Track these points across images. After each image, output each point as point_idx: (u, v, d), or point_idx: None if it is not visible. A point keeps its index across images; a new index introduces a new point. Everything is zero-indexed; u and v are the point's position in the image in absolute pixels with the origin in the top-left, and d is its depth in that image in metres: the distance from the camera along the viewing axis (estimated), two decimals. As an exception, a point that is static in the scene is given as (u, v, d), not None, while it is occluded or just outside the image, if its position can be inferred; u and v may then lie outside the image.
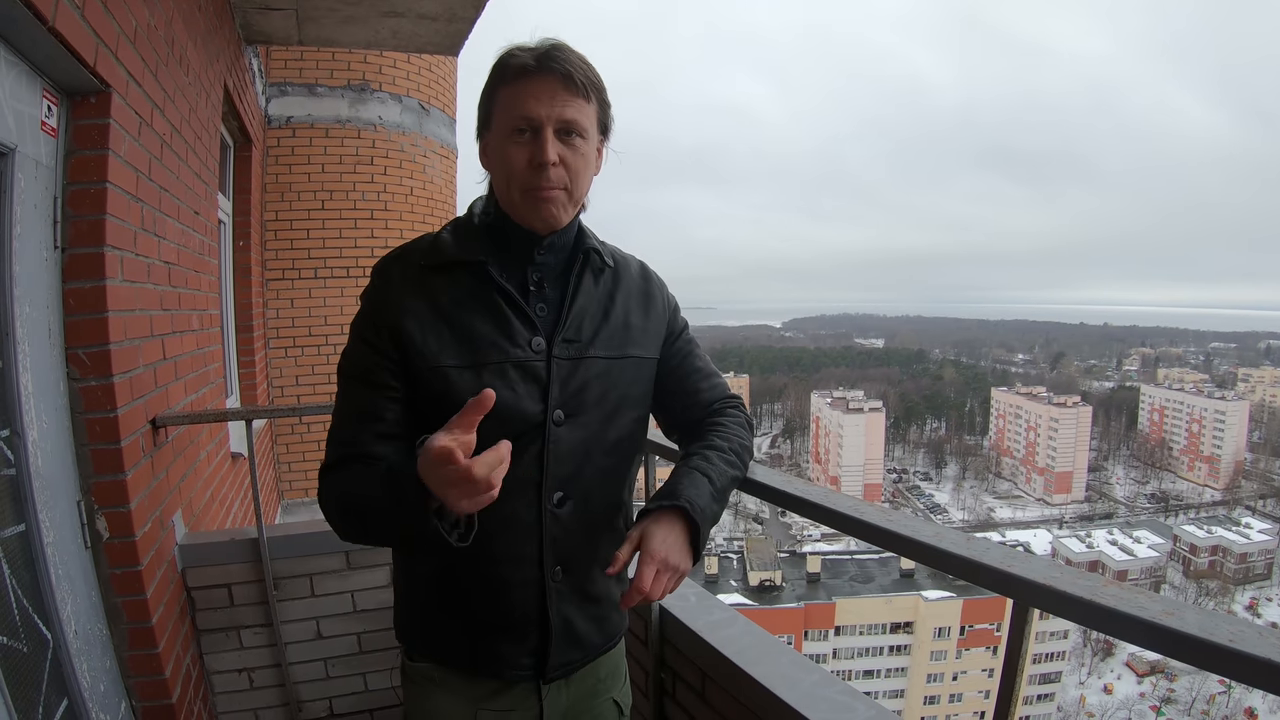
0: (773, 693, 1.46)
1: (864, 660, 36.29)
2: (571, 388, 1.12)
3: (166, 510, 2.13)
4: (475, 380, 1.07)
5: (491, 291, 1.10)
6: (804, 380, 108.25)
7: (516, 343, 1.10)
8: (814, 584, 38.11)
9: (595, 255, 1.19)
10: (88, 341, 1.74)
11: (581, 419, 1.13)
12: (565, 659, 1.19)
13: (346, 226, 5.37)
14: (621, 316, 1.20)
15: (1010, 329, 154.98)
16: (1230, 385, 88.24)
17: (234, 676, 2.35)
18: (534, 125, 1.05)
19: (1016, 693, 0.99)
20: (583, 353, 1.14)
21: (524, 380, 1.10)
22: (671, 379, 1.28)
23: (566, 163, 1.08)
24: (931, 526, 1.13)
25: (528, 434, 1.09)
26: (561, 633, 1.17)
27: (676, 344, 1.30)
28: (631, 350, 1.20)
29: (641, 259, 1.31)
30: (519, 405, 1.09)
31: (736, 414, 1.32)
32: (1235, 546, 53.73)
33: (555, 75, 1.04)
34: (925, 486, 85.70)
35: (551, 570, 1.14)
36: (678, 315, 1.33)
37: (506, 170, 1.08)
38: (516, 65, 1.05)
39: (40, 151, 1.60)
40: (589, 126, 1.09)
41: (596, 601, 1.22)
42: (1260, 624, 0.80)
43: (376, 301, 1.12)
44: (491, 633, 1.16)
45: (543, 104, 1.04)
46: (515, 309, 1.11)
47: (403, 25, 3.80)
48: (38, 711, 1.49)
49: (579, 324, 1.15)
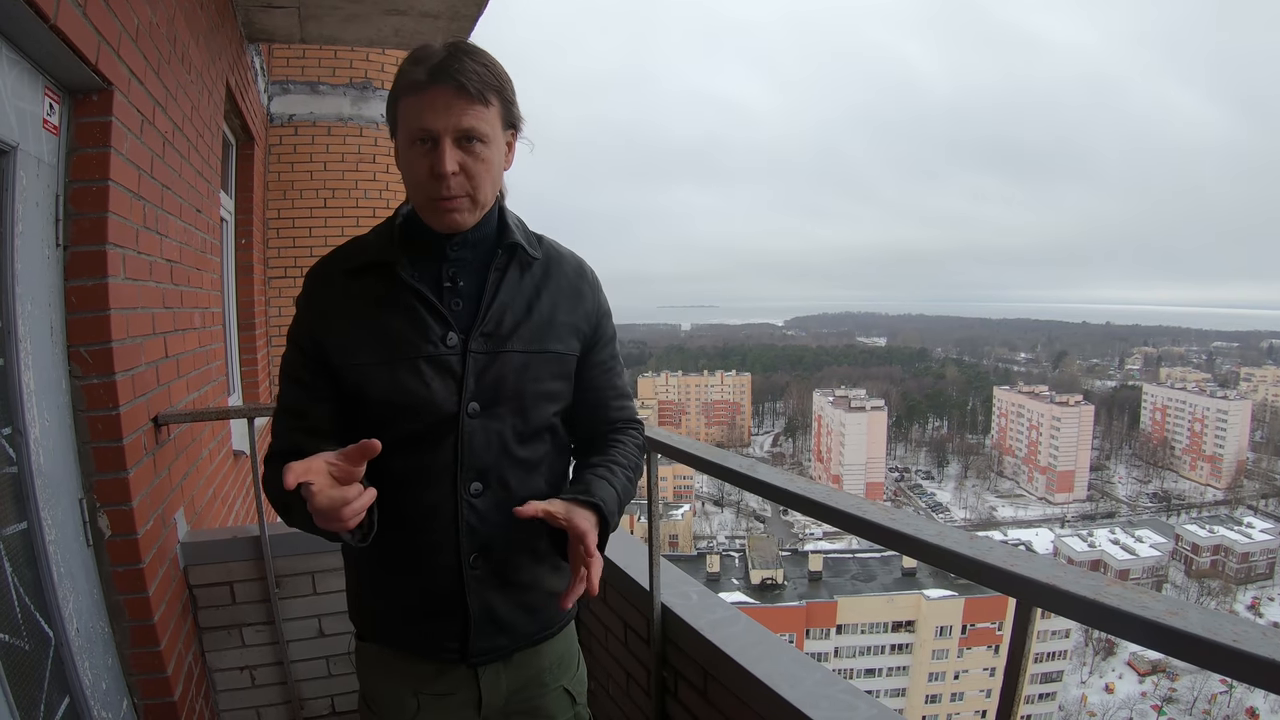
0: (775, 691, 1.46)
1: (866, 659, 36.30)
2: (486, 380, 1.15)
3: (168, 508, 2.13)
4: (390, 375, 1.13)
5: (405, 292, 1.15)
6: (806, 379, 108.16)
7: (429, 339, 1.14)
8: (816, 582, 38.11)
9: (520, 249, 1.21)
10: (90, 339, 1.74)
11: (497, 410, 1.17)
12: (490, 644, 1.22)
13: (349, 225, 5.37)
14: (546, 312, 1.21)
15: (1012, 328, 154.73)
16: (1233, 385, 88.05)
17: (236, 674, 2.35)
18: (431, 135, 1.07)
19: (1019, 692, 0.99)
20: (500, 347, 1.16)
21: (438, 374, 1.14)
22: (588, 390, 1.29)
23: (467, 170, 1.10)
24: (934, 525, 1.12)
25: (442, 425, 1.14)
26: (481, 618, 1.20)
27: (600, 354, 1.30)
28: (552, 345, 1.21)
29: (581, 256, 1.32)
30: (431, 399, 1.13)
31: (637, 435, 1.36)
32: (1237, 546, 53.66)
33: (449, 85, 1.06)
34: (927, 485, 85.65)
35: (468, 557, 1.17)
36: (607, 321, 1.32)
37: (411, 177, 1.12)
38: (412, 79, 1.07)
39: (42, 149, 1.60)
40: (489, 130, 1.11)
41: (523, 589, 1.24)
42: (1263, 624, 0.79)
43: (302, 306, 1.20)
44: (418, 616, 1.21)
45: (439, 116, 1.06)
46: (428, 307, 1.15)
47: (405, 23, 3.80)
48: (39, 709, 1.49)
49: (499, 318, 1.17)
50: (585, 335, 1.27)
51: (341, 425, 1.18)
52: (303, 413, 1.18)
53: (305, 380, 1.18)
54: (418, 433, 1.14)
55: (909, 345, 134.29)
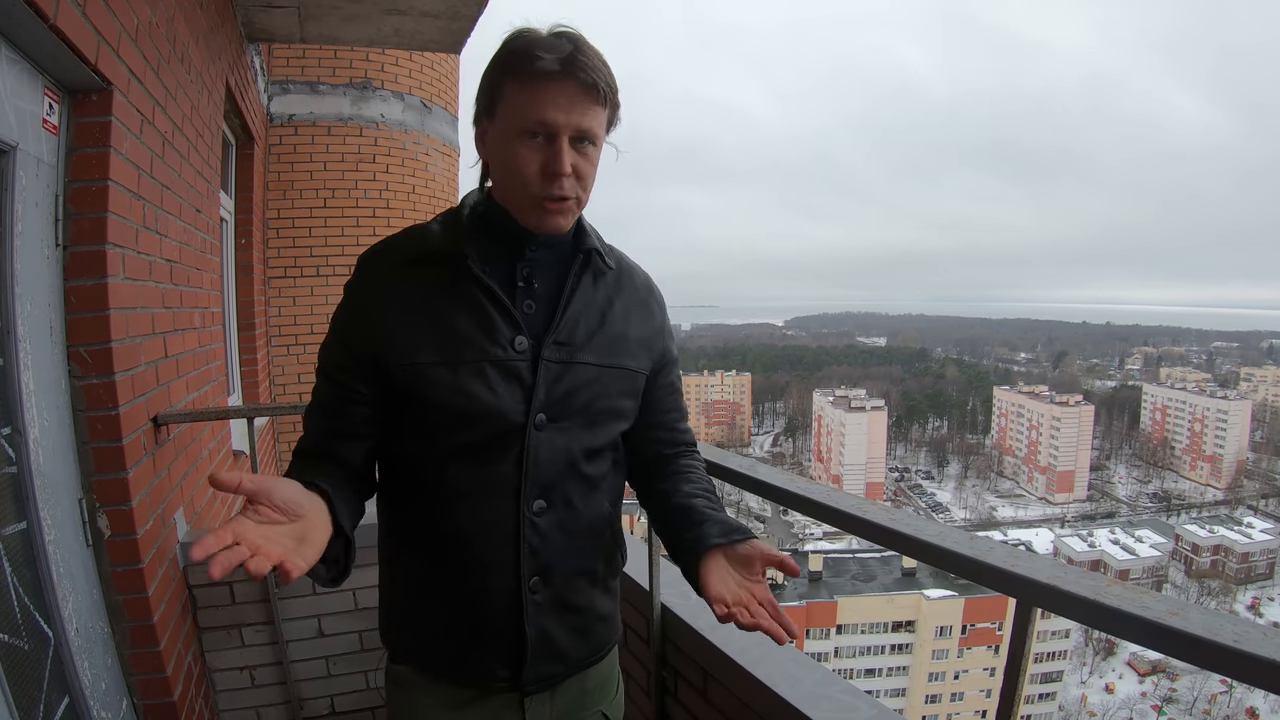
0: (775, 691, 1.46)
1: (866, 659, 36.29)
2: (558, 392, 1.07)
3: (168, 508, 2.13)
4: (452, 377, 1.03)
5: (473, 286, 1.05)
6: (806, 378, 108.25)
7: (497, 341, 1.05)
8: (816, 582, 38.08)
9: (597, 257, 1.13)
10: (89, 339, 1.74)
11: (564, 424, 1.09)
12: (544, 672, 1.14)
13: (349, 225, 5.37)
14: (619, 325, 1.15)
15: (1013, 327, 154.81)
16: (1233, 385, 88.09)
17: (235, 674, 2.35)
18: (550, 131, 0.99)
19: (1019, 692, 0.99)
20: (573, 356, 1.09)
21: (504, 380, 1.05)
22: (655, 410, 1.23)
23: (579, 171, 1.03)
24: (934, 525, 1.12)
25: (507, 436, 1.05)
26: (539, 645, 1.12)
27: (668, 375, 1.24)
28: (625, 361, 1.14)
29: (647, 271, 1.26)
30: (497, 406, 1.04)
31: (701, 459, 1.31)
32: (1237, 546, 53.68)
33: (578, 83, 0.98)
34: (927, 485, 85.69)
35: (528, 580, 1.09)
36: (672, 343, 1.26)
37: (514, 172, 1.02)
38: (538, 67, 0.97)
39: (42, 149, 1.60)
40: (601, 132, 1.05)
41: (578, 613, 1.17)
42: (1263, 624, 0.79)
43: (356, 294, 1.09)
44: (467, 640, 1.12)
45: (562, 111, 0.98)
46: (498, 305, 1.05)
47: (405, 23, 3.80)
48: (39, 709, 1.49)
49: (573, 327, 1.09)
50: (655, 353, 1.20)
51: (381, 430, 1.10)
52: (338, 413, 1.08)
53: (345, 378, 1.07)
54: (477, 443, 1.05)
55: (909, 345, 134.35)
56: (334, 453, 1.08)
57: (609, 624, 1.25)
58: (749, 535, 1.03)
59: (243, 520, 0.80)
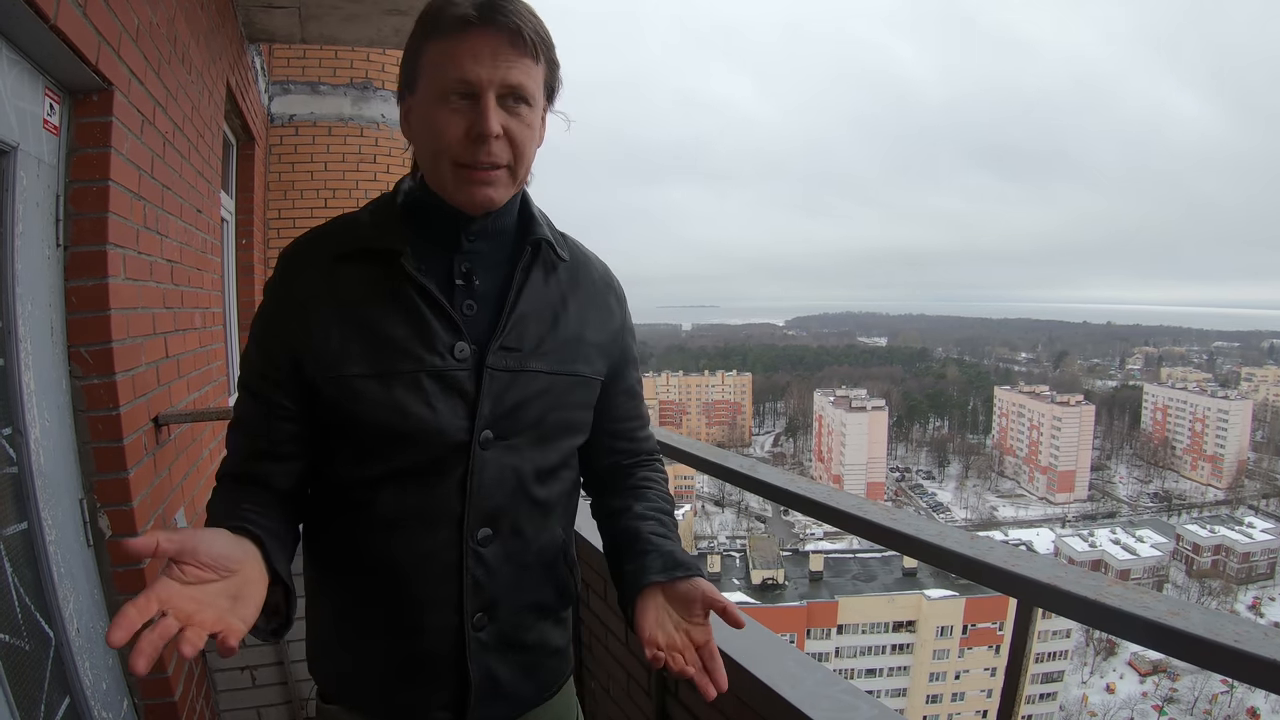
0: (775, 692, 1.45)
1: (866, 659, 36.27)
2: (505, 405, 0.95)
3: (169, 508, 2.13)
4: (384, 392, 0.91)
5: (406, 286, 0.92)
6: (807, 378, 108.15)
7: (434, 349, 0.92)
8: (816, 582, 38.07)
9: (548, 248, 1.00)
10: (90, 339, 1.74)
11: (513, 441, 0.97)
12: (488, 715, 1.03)
13: (349, 225, 5.37)
14: (574, 327, 1.02)
15: (1013, 327, 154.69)
16: (1233, 384, 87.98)
17: (236, 674, 2.35)
18: (472, 90, 0.87)
19: (1019, 691, 0.99)
20: (523, 364, 0.96)
21: (444, 394, 0.93)
22: (610, 419, 1.11)
23: (511, 135, 0.89)
24: (935, 525, 1.12)
25: (448, 457, 0.94)
26: (482, 686, 1.00)
27: (625, 380, 1.12)
28: (580, 368, 1.02)
29: (605, 261, 1.12)
30: (435, 423, 0.92)
31: (663, 471, 1.19)
32: (1238, 546, 53.61)
33: (500, 30, 0.86)
34: (928, 485, 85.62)
35: (472, 616, 0.98)
36: (632, 341, 1.13)
37: (436, 140, 0.89)
38: (454, 15, 0.86)
39: (42, 149, 1.60)
40: (536, 92, 0.91)
41: (527, 650, 1.05)
42: (1264, 624, 0.79)
43: (273, 297, 0.97)
44: (403, 682, 1.01)
45: (484, 65, 0.86)
46: (434, 307, 0.93)
47: (405, 23, 3.80)
48: (40, 709, 1.49)
49: (521, 329, 0.97)
50: (612, 358, 1.08)
51: (310, 450, 0.98)
52: (261, 431, 0.96)
53: (268, 390, 0.95)
54: (415, 466, 0.94)
55: (910, 345, 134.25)
56: (260, 477, 0.97)
57: (561, 658, 1.13)
58: (693, 572, 0.94)
59: (167, 583, 0.69)
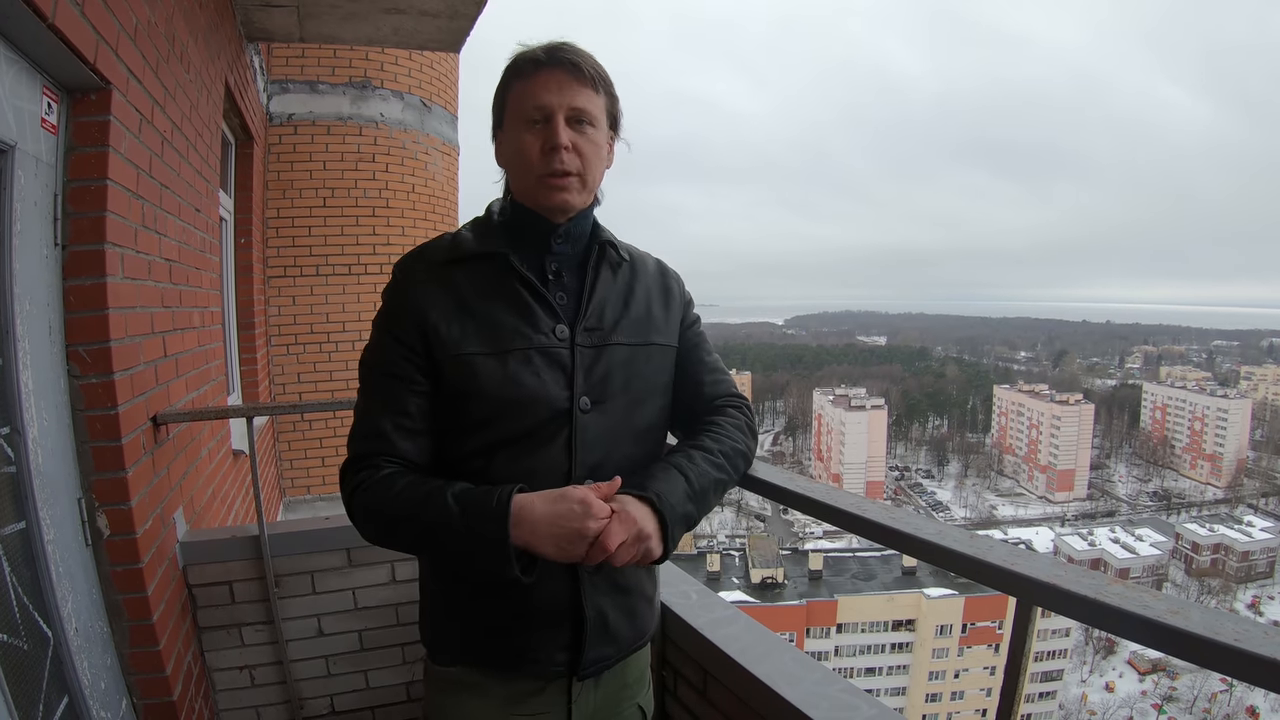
0: (775, 691, 1.45)
1: (866, 658, 36.30)
2: (596, 375, 1.14)
3: (168, 507, 2.13)
4: (500, 367, 1.09)
5: (512, 281, 1.13)
6: (806, 378, 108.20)
7: (540, 329, 1.12)
8: (816, 581, 38.11)
9: (610, 249, 1.22)
10: (88, 338, 1.74)
11: (607, 406, 1.14)
12: (599, 654, 1.18)
13: (348, 224, 5.37)
14: (642, 307, 1.22)
15: (1013, 326, 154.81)
16: (1233, 383, 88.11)
17: (235, 674, 2.35)
18: (546, 114, 1.10)
19: (1019, 690, 0.99)
20: (605, 339, 1.16)
21: (549, 367, 1.11)
22: (682, 374, 1.29)
23: (579, 149, 1.12)
24: (934, 524, 1.12)
25: (555, 421, 1.11)
26: (596, 625, 1.16)
27: (686, 334, 1.30)
28: (654, 338, 1.22)
29: (658, 256, 1.34)
30: (545, 391, 1.10)
31: (736, 415, 1.29)
32: (1237, 545, 53.66)
33: (564, 67, 1.10)
34: (927, 484, 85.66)
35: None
36: (691, 308, 1.34)
37: (521, 159, 1.12)
38: (529, 59, 1.11)
39: (40, 148, 1.59)
40: (599, 115, 1.14)
41: (627, 593, 1.22)
42: (1264, 623, 0.79)
43: (399, 296, 1.14)
44: (526, 628, 1.15)
45: (553, 93, 1.09)
46: (537, 297, 1.13)
47: (404, 22, 3.80)
48: (38, 709, 1.49)
49: (600, 312, 1.17)
50: (684, 324, 1.29)
51: (436, 426, 1.14)
52: (402, 409, 1.11)
53: (403, 374, 1.11)
54: (526, 430, 1.10)
55: (909, 344, 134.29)
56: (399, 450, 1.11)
57: (652, 608, 1.30)
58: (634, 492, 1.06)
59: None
